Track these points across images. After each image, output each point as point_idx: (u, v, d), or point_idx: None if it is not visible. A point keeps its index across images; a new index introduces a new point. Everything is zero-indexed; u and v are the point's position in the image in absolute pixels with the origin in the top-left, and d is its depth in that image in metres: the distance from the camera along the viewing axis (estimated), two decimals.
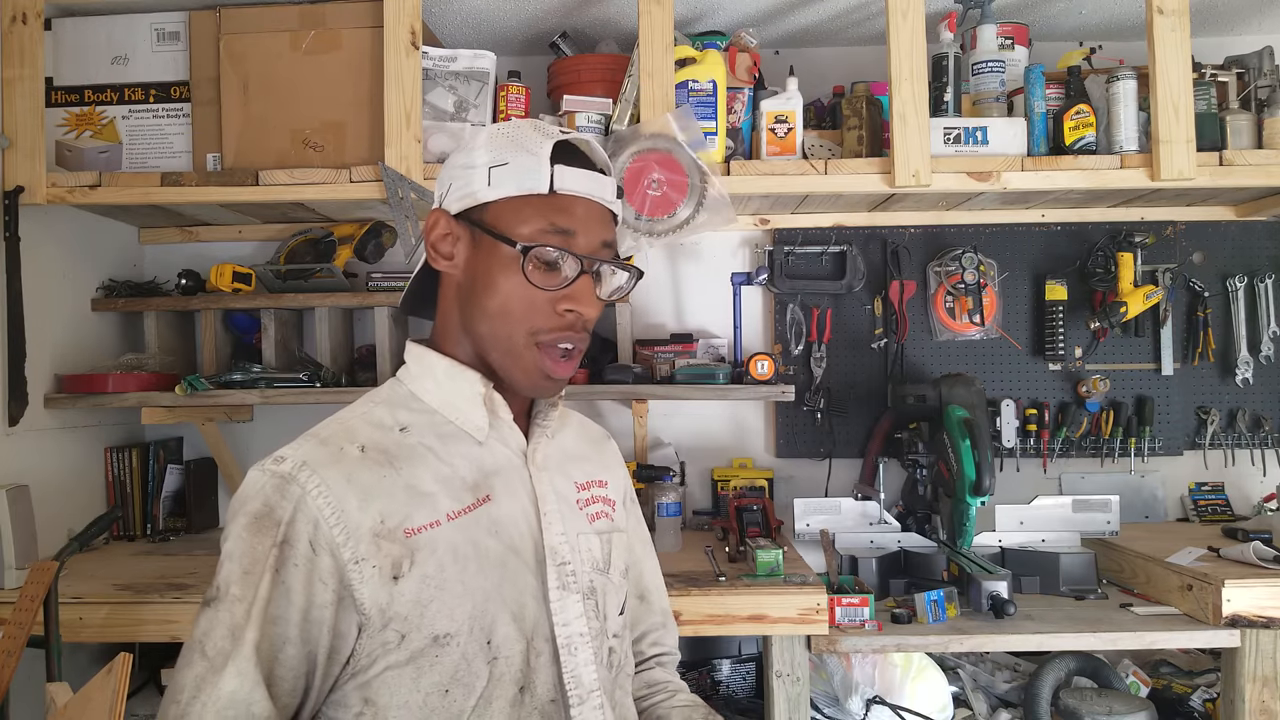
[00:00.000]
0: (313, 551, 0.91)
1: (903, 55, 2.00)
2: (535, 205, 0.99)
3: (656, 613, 1.28)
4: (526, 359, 1.01)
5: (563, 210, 0.99)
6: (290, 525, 0.91)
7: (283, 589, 0.90)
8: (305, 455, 0.95)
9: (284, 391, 2.22)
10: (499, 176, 1.00)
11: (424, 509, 0.97)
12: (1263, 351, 2.50)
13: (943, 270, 2.50)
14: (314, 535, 0.91)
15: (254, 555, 0.90)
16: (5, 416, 2.05)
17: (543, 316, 0.99)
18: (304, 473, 0.93)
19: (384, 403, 1.06)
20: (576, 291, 0.99)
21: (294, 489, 0.92)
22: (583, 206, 1.00)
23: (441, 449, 1.02)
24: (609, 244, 1.04)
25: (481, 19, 2.34)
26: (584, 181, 1.00)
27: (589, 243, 1.00)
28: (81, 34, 2.22)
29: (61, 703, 1.38)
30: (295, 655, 0.91)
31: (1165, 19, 2.00)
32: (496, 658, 0.96)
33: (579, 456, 1.16)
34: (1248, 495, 2.52)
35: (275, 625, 0.90)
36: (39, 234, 2.15)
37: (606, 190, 1.03)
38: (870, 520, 2.24)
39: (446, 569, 0.95)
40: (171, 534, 2.42)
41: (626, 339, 2.38)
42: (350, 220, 2.42)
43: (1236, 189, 2.24)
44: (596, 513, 1.11)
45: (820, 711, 2.01)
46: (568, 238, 0.99)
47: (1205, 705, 2.04)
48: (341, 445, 0.97)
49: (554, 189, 0.99)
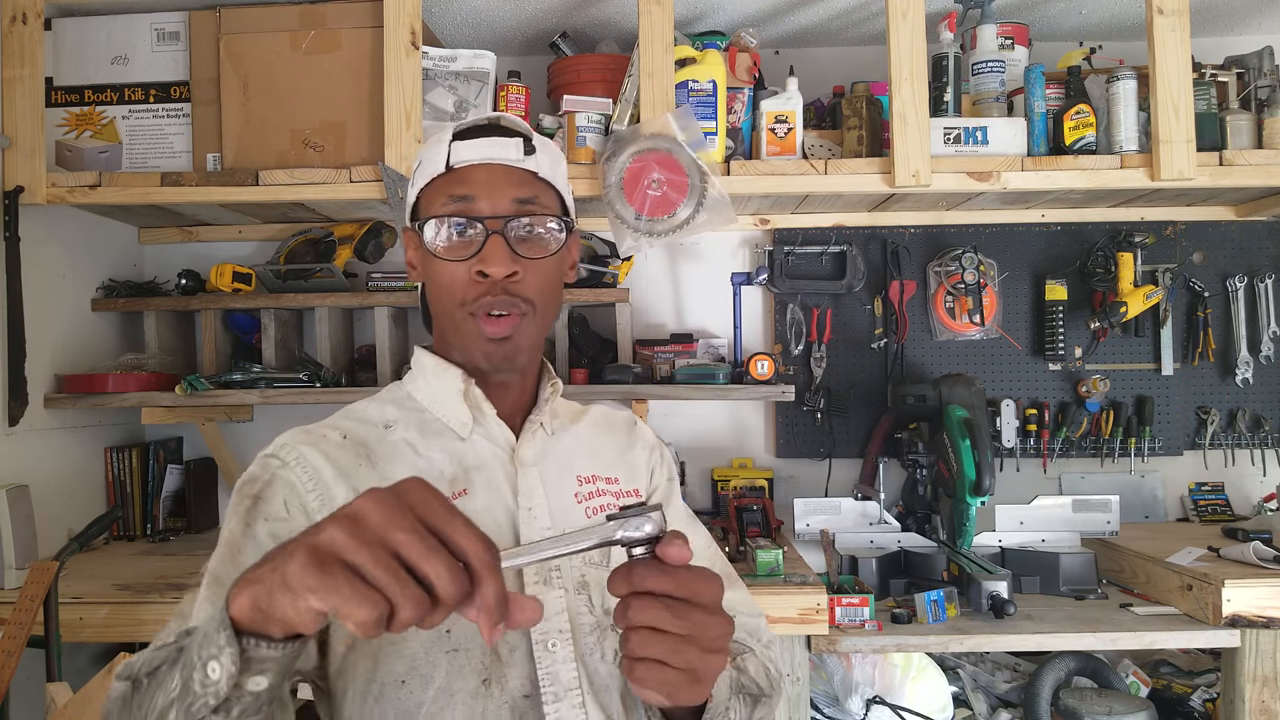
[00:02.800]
0: (286, 511, 0.94)
1: (903, 55, 2.00)
2: (438, 185, 1.02)
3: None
4: (466, 331, 1.02)
5: (460, 180, 1.01)
6: (267, 486, 0.95)
7: (252, 539, 0.92)
8: (287, 439, 1.00)
9: (284, 391, 2.22)
10: (417, 176, 1.05)
11: None
12: (1263, 351, 2.50)
13: (943, 270, 2.51)
14: (288, 497, 0.95)
15: (232, 513, 0.95)
16: (5, 416, 2.05)
17: (464, 287, 1.00)
18: (284, 450, 0.98)
19: (378, 400, 1.09)
20: (485, 253, 0.99)
21: (273, 462, 0.98)
22: (482, 172, 1.01)
23: (422, 444, 1.03)
24: (526, 200, 1.01)
25: (481, 19, 2.34)
26: (479, 149, 1.01)
27: (494, 204, 1.00)
28: (81, 34, 2.22)
29: (61, 703, 1.39)
30: None
31: (1165, 19, 2.00)
32: (456, 649, 0.95)
33: (592, 452, 1.14)
34: (1248, 495, 2.52)
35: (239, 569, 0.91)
36: (39, 234, 2.15)
37: (508, 150, 1.02)
38: (870, 520, 2.24)
39: None
40: (171, 534, 2.42)
41: (626, 339, 2.38)
42: (350, 220, 2.42)
43: (1236, 189, 2.24)
44: (599, 506, 1.09)
45: (820, 711, 2.01)
46: (466, 203, 1.00)
47: (1205, 705, 2.04)
48: (324, 433, 1.02)
49: (450, 165, 1.01)
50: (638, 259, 2.54)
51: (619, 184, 2.02)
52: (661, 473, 1.20)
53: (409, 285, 2.31)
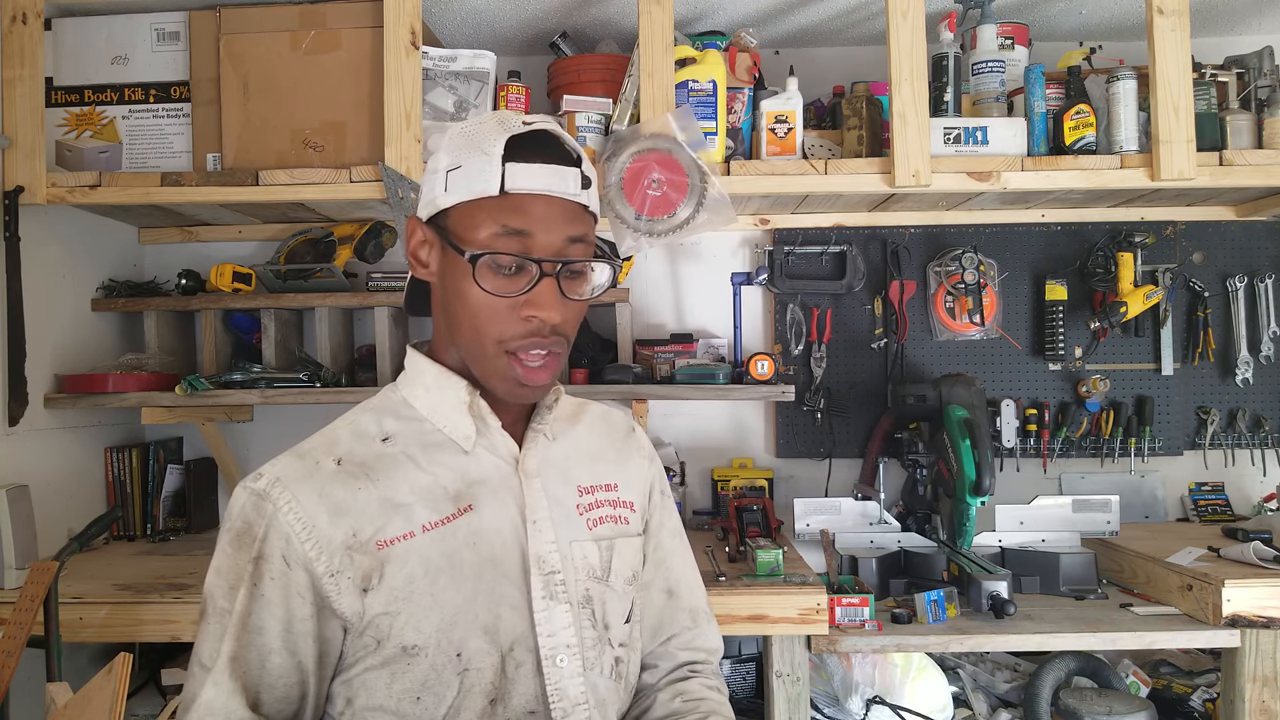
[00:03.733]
0: (286, 566, 0.93)
1: (903, 55, 2.00)
2: (487, 209, 0.94)
3: (684, 611, 1.18)
4: (499, 367, 0.97)
5: (516, 210, 0.93)
6: (264, 541, 0.94)
7: (263, 601, 0.93)
8: (280, 471, 0.97)
9: (284, 391, 2.22)
10: (455, 181, 0.96)
11: (398, 521, 0.96)
12: (1263, 351, 2.50)
13: (943, 270, 2.50)
14: (286, 550, 0.93)
15: (236, 570, 0.94)
16: (5, 416, 2.05)
17: (508, 324, 0.95)
18: (276, 489, 0.95)
19: (374, 410, 1.05)
20: (537, 296, 0.94)
21: (268, 506, 0.94)
22: (540, 204, 0.94)
23: (424, 458, 1.00)
24: (577, 239, 0.97)
25: (481, 19, 2.34)
26: (539, 178, 0.94)
27: (549, 242, 0.94)
28: (81, 34, 2.22)
29: (61, 703, 1.38)
30: (282, 665, 0.94)
31: (1165, 19, 2.00)
32: (467, 669, 0.95)
33: (591, 456, 1.11)
34: (1248, 495, 2.52)
35: (260, 636, 0.93)
36: (39, 234, 2.15)
37: (568, 183, 0.95)
38: (870, 520, 2.24)
39: (415, 581, 0.95)
40: (171, 534, 2.42)
41: (626, 339, 2.38)
42: (350, 220, 2.42)
43: (1236, 189, 2.24)
44: (600, 518, 1.07)
45: (820, 711, 2.01)
46: (523, 239, 0.94)
47: (1205, 705, 2.04)
48: (318, 459, 0.98)
49: (505, 189, 0.93)
50: (638, 259, 2.54)
51: (619, 184, 2.02)
52: (657, 490, 1.19)
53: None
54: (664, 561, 1.18)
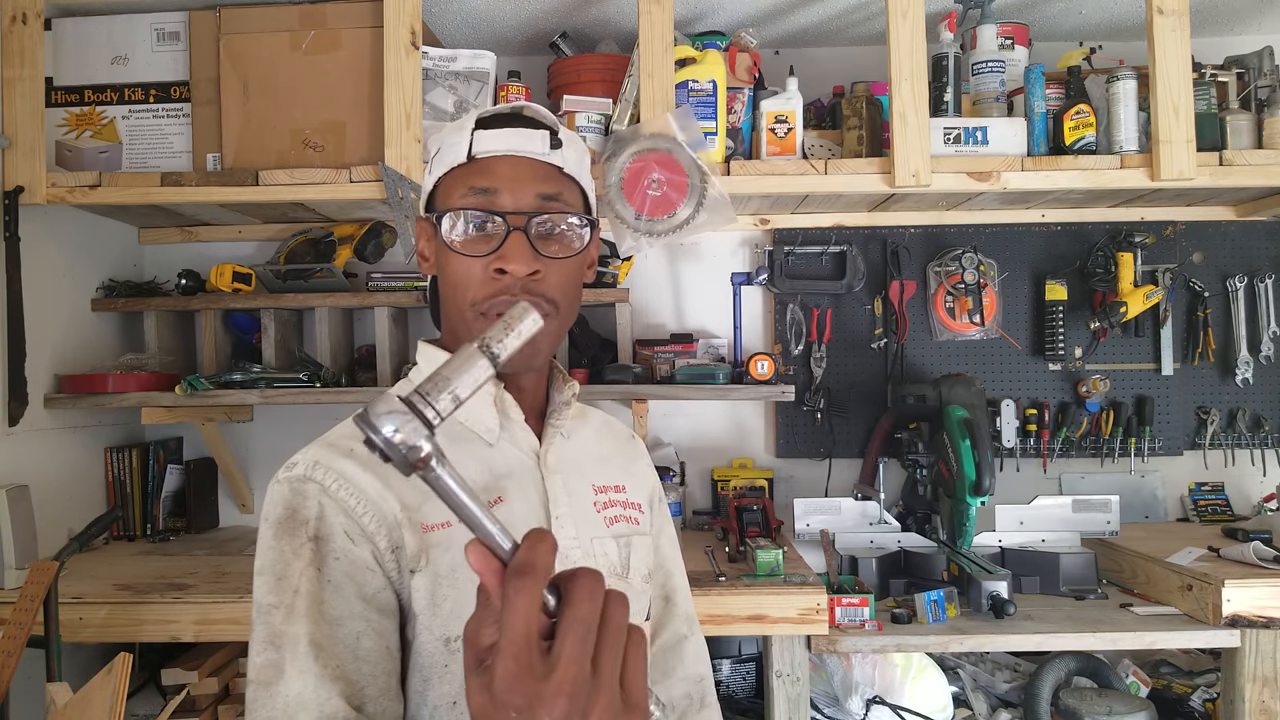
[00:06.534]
0: (350, 542, 0.88)
1: (903, 55, 2.00)
2: (457, 176, 0.97)
3: (681, 618, 1.20)
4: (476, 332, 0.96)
5: (483, 172, 0.96)
6: (320, 520, 0.88)
7: (331, 587, 0.86)
8: (315, 456, 0.92)
9: (284, 391, 2.22)
10: (436, 163, 1.01)
11: (437, 508, 0.92)
12: (1263, 351, 2.50)
13: (943, 270, 2.50)
14: (348, 526, 0.88)
15: (285, 560, 0.87)
16: (5, 416, 2.05)
17: (479, 285, 0.95)
18: (318, 471, 0.90)
19: None
20: (505, 250, 0.93)
21: (312, 487, 0.89)
22: (506, 164, 0.95)
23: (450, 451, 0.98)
24: (550, 197, 0.97)
25: (481, 19, 2.34)
26: (504, 139, 0.96)
27: (517, 199, 0.95)
28: (81, 34, 2.22)
29: (61, 703, 1.39)
30: (374, 647, 0.87)
31: (1165, 19, 2.00)
32: None
33: (599, 458, 1.11)
34: (1248, 495, 2.52)
35: (339, 627, 0.86)
36: (39, 234, 2.15)
37: (534, 142, 0.97)
38: (870, 520, 2.24)
39: (459, 569, 0.90)
40: (171, 534, 2.42)
41: (626, 339, 2.38)
42: (350, 220, 2.42)
43: (1236, 189, 2.24)
44: (615, 516, 1.07)
45: (820, 711, 2.01)
46: (488, 197, 0.95)
47: (1205, 705, 2.04)
48: (351, 445, 0.94)
49: (472, 155, 0.96)
50: (638, 259, 2.54)
51: (619, 184, 2.02)
52: (657, 497, 1.20)
53: (409, 285, 2.31)
54: (662, 567, 1.20)
